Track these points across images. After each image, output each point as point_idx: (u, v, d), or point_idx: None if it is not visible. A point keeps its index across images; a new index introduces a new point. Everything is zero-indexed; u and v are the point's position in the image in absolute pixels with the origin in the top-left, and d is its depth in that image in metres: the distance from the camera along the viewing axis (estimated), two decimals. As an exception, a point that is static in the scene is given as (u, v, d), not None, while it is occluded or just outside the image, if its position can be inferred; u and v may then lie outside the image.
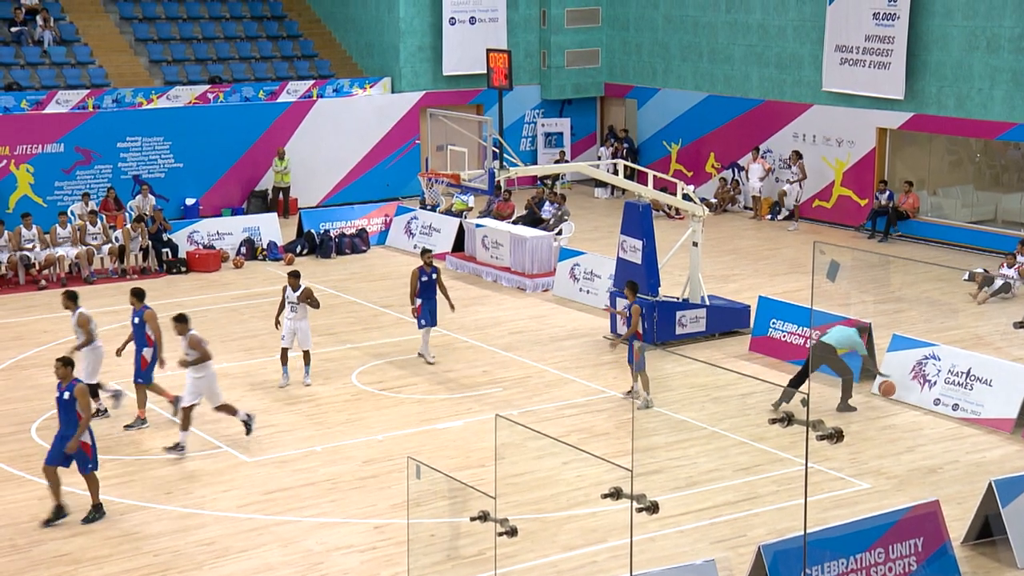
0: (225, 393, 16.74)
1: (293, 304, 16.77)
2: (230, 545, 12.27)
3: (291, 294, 16.77)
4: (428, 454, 14.22)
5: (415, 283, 17.71)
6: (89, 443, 12.67)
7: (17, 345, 18.85)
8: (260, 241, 25.17)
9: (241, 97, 28.86)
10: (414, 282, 17.73)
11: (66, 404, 12.57)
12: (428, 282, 17.79)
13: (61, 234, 23.19)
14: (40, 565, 11.77)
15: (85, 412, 12.58)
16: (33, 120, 26.18)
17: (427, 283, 17.78)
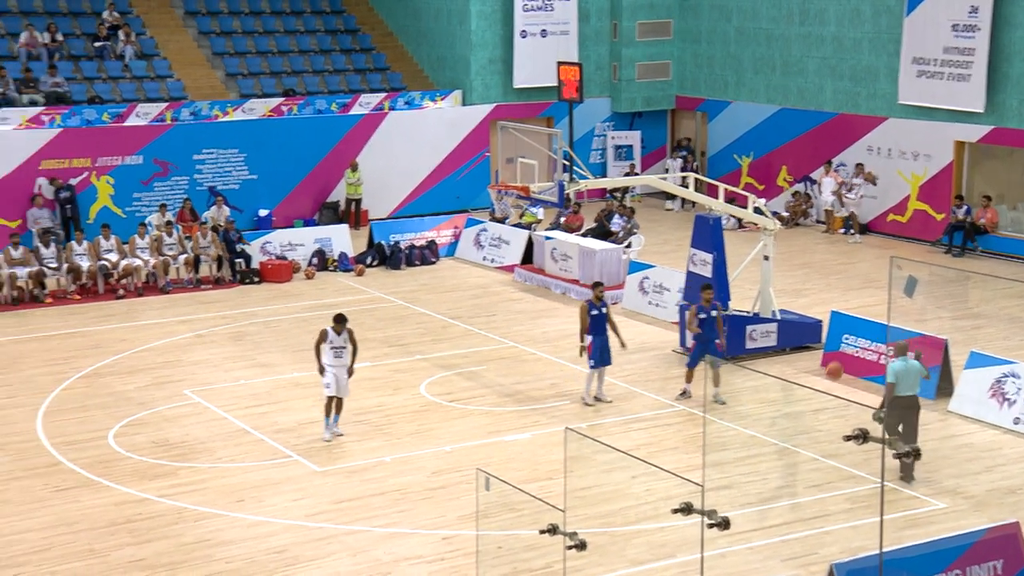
0: (295, 403, 16.98)
1: (339, 349, 15.33)
2: (300, 553, 12.38)
3: (336, 338, 15.34)
4: (496, 466, 14.23)
5: (585, 318, 16.41)
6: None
7: (96, 353, 19.23)
8: (331, 252, 25.42)
9: (314, 110, 29.21)
10: (584, 317, 16.41)
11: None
12: (599, 316, 16.45)
13: (139, 244, 23.64)
14: (116, 570, 11.98)
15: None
16: (114, 132, 26.76)
17: (597, 317, 16.44)
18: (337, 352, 15.30)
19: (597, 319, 16.53)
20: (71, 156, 26.16)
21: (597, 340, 16.50)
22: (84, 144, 26.30)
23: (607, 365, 16.77)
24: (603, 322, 16.58)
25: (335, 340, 15.31)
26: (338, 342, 15.31)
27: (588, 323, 16.52)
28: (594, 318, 16.50)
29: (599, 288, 16.86)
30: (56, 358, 18.93)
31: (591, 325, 16.50)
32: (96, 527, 12.92)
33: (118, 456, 14.90)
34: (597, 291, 16.77)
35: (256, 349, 19.48)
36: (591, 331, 16.48)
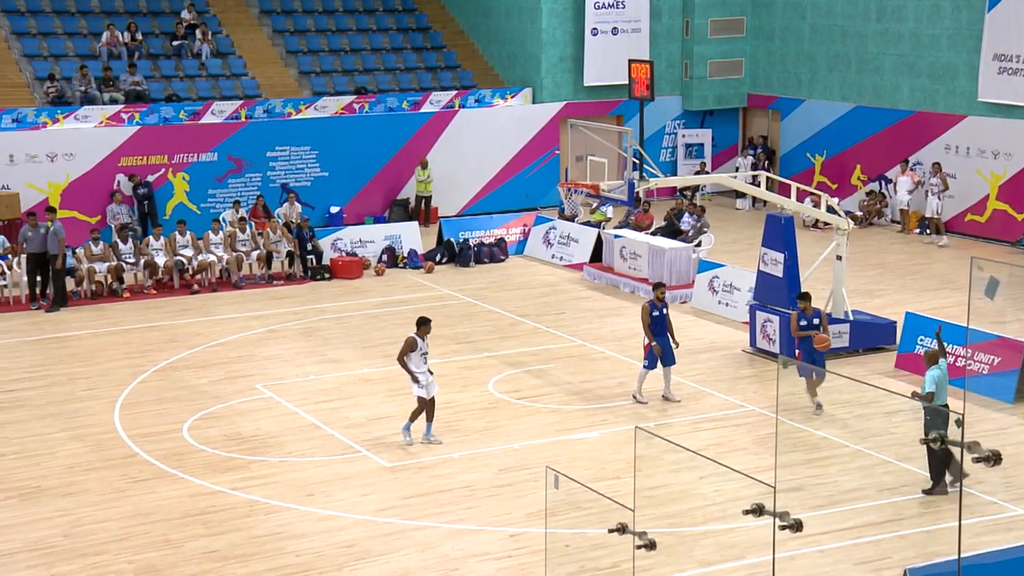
0: (365, 399, 17.12)
1: (426, 355, 15.23)
2: (369, 548, 12.48)
3: (423, 343, 15.16)
4: (563, 464, 14.21)
5: (647, 319, 16.43)
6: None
7: (171, 347, 19.56)
8: (401, 249, 25.58)
9: (385, 107, 29.42)
10: (646, 318, 16.44)
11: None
12: (660, 317, 16.47)
13: (213, 240, 24.01)
14: (191, 560, 12.18)
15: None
16: (190, 130, 27.20)
17: (659, 318, 16.47)
18: (425, 358, 15.22)
19: (658, 320, 16.49)
20: (149, 153, 26.65)
21: (659, 341, 16.44)
22: (161, 141, 26.77)
23: (671, 365, 16.68)
24: (664, 323, 16.52)
25: (423, 346, 15.18)
26: (425, 347, 15.20)
27: (649, 323, 16.45)
28: (655, 319, 16.47)
29: (660, 289, 16.80)
30: (133, 352, 19.29)
31: (652, 326, 16.45)
32: (171, 518, 13.14)
33: (192, 449, 15.15)
34: (658, 292, 16.75)
35: (326, 345, 19.67)
36: (653, 332, 16.44)
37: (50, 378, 17.95)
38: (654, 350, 16.45)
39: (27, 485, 14.01)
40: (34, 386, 17.55)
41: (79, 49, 28.59)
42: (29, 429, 15.81)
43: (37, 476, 14.27)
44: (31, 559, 12.16)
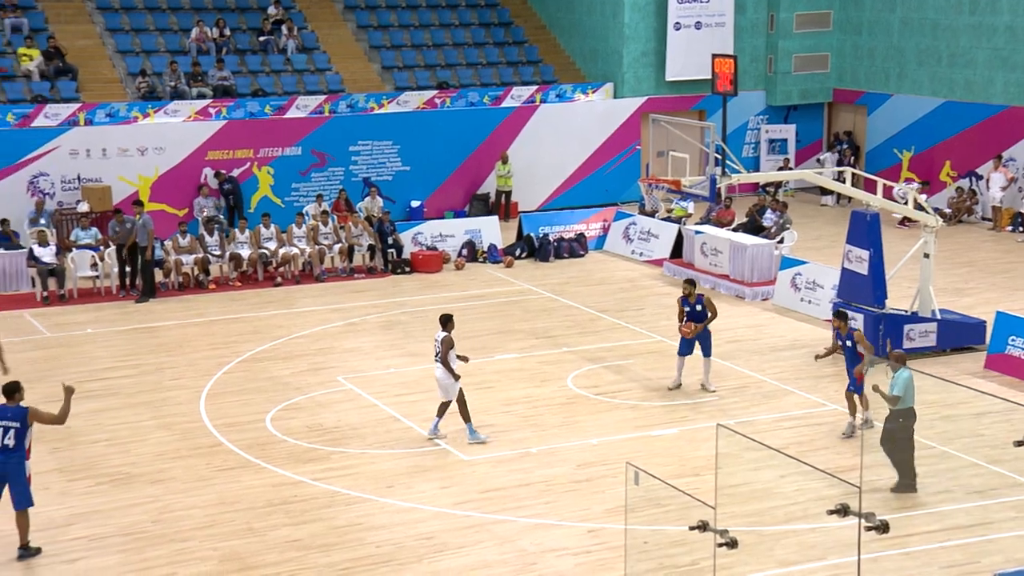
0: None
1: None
2: (448, 541, 12.56)
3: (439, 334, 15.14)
4: (642, 461, 14.14)
5: (681, 311, 16.86)
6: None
7: (255, 338, 19.87)
8: (481, 244, 25.67)
9: (467, 102, 29.54)
10: (681, 310, 16.88)
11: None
12: (691, 312, 16.79)
13: (296, 233, 24.34)
14: (273, 549, 12.37)
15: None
16: (275, 124, 27.60)
17: (690, 313, 16.79)
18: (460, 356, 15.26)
19: (690, 315, 16.75)
20: (234, 147, 27.10)
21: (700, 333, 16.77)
22: (247, 136, 27.20)
23: (708, 356, 16.90)
24: (697, 317, 16.71)
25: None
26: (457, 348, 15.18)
27: (683, 314, 16.82)
28: (688, 313, 16.76)
29: (688, 286, 16.93)
30: (218, 342, 19.64)
31: (690, 317, 16.79)
32: (255, 507, 13.36)
33: (275, 439, 15.38)
34: (686, 288, 16.91)
35: (406, 338, 19.83)
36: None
37: (140, 367, 18.36)
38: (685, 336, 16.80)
39: (119, 471, 14.35)
40: (125, 375, 17.96)
41: (169, 45, 29.16)
42: (120, 417, 16.18)
43: (128, 463, 14.62)
44: (122, 543, 12.46)
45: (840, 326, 15.41)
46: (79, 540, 12.47)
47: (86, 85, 27.39)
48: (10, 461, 12.03)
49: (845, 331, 15.33)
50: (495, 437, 15.43)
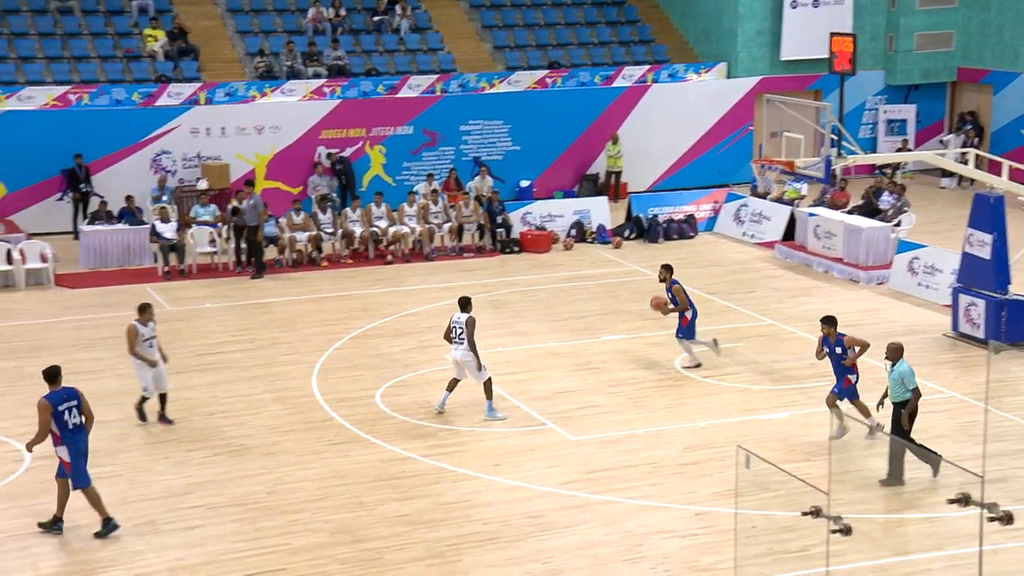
0: (551, 372, 17.24)
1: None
2: (554, 520, 12.61)
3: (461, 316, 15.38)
4: (751, 445, 13.96)
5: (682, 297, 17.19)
6: (67, 459, 12.16)
7: (365, 316, 20.17)
8: (590, 224, 25.61)
9: (578, 82, 29.43)
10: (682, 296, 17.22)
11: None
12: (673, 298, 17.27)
13: (407, 212, 24.59)
14: (382, 523, 12.57)
15: (41, 427, 12.08)
16: (387, 104, 27.89)
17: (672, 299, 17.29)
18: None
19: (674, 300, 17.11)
20: (348, 126, 27.47)
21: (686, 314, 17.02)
22: (360, 115, 27.55)
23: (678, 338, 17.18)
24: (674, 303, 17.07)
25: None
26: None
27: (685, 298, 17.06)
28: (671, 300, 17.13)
29: (663, 271, 17.33)
30: (330, 319, 19.98)
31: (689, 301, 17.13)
32: (364, 481, 13.58)
33: (384, 415, 15.61)
34: (662, 273, 17.34)
35: (515, 317, 19.91)
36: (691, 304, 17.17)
37: (255, 342, 18.78)
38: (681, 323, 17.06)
39: (234, 443, 14.73)
40: (240, 349, 18.39)
41: (287, 25, 29.66)
42: (235, 390, 16.60)
43: (242, 435, 14.99)
44: (237, 513, 12.79)
45: (828, 332, 14.39)
46: (196, 508, 12.84)
47: (207, 65, 28.04)
48: (84, 437, 12.25)
49: (834, 337, 14.32)
50: (602, 418, 15.41)
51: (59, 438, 12.08)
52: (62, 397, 12.17)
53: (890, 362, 13.22)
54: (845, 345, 14.20)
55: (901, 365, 13.15)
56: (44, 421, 11.98)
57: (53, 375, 12.31)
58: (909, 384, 13.05)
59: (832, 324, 14.44)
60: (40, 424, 11.99)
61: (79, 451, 12.17)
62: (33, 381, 16.63)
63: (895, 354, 13.21)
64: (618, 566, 11.65)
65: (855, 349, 14.17)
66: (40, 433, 12.04)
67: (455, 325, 15.30)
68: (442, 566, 11.66)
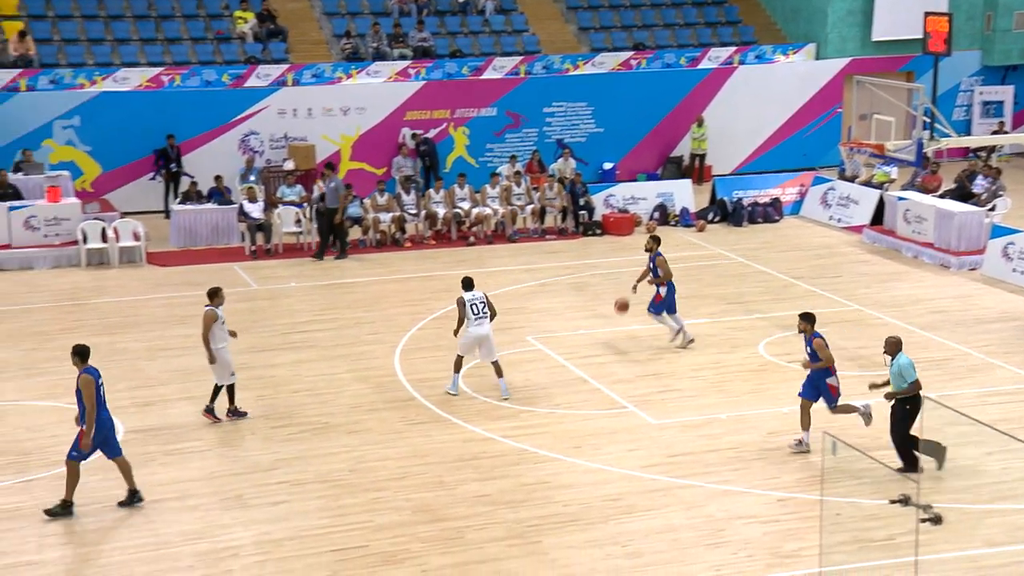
0: (632, 355, 17.15)
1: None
2: (635, 503, 12.56)
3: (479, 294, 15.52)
4: (836, 431, 13.72)
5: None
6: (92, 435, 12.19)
7: (448, 296, 20.18)
8: (673, 207, 25.41)
9: (663, 64, 29.17)
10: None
11: (77, 394, 12.22)
12: (653, 268, 17.29)
13: (490, 194, 24.64)
14: (463, 503, 12.64)
15: (88, 403, 12.10)
16: (471, 85, 27.95)
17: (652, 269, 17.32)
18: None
19: (654, 272, 17.23)
20: (432, 108, 27.59)
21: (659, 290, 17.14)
22: (444, 96, 27.64)
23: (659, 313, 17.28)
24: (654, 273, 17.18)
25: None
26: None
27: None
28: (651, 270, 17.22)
29: (650, 241, 17.49)
30: (413, 299, 20.13)
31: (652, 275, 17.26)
32: (445, 461, 13.67)
33: (465, 396, 15.68)
34: (649, 243, 17.52)
35: (596, 300, 19.85)
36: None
37: (338, 321, 18.99)
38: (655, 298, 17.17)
39: (317, 421, 14.92)
40: (324, 328, 18.62)
41: (373, 6, 29.84)
42: (319, 369, 16.80)
43: (326, 413, 15.18)
44: (320, 490, 12.97)
45: (805, 329, 13.57)
46: (282, 484, 13.04)
47: (295, 47, 28.36)
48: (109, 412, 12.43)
49: (810, 334, 13.54)
50: (684, 402, 15.30)
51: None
52: (97, 373, 12.32)
53: (889, 356, 12.92)
54: (814, 347, 13.38)
55: (900, 359, 12.79)
56: (91, 395, 12.08)
57: (87, 352, 12.36)
58: (908, 377, 12.70)
59: (809, 321, 13.56)
60: (88, 399, 12.06)
61: (112, 425, 12.46)
62: (126, 356, 17.07)
63: (893, 348, 12.91)
64: (699, 550, 11.58)
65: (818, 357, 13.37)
66: (91, 408, 12.08)
67: (475, 302, 15.34)
68: (522, 546, 11.69)
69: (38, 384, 15.94)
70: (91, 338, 17.63)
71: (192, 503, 12.56)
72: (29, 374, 16.29)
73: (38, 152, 24.76)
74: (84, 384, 12.08)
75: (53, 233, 22.33)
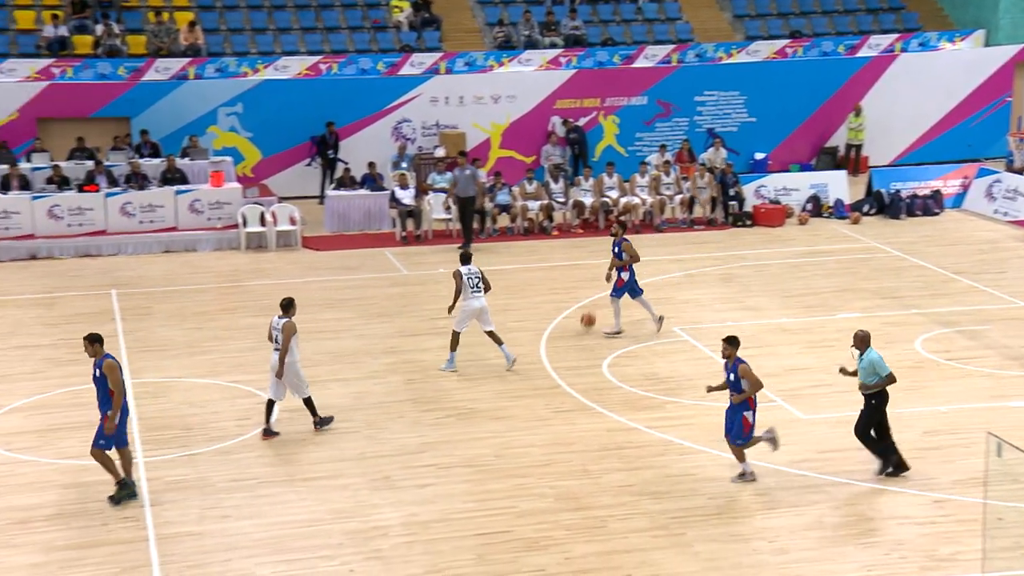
0: (782, 349, 16.82)
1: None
2: (782, 498, 12.34)
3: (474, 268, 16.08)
4: (999, 433, 13.23)
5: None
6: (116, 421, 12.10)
7: (594, 286, 20.18)
8: (827, 198, 24.83)
9: (820, 52, 28.46)
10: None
11: (98, 381, 12.11)
12: (618, 253, 17.40)
13: (638, 183, 24.48)
14: (607, 492, 12.61)
15: (116, 388, 12.02)
16: (622, 74, 27.80)
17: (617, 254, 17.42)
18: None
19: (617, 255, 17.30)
20: (582, 96, 27.55)
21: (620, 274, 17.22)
22: (594, 85, 27.57)
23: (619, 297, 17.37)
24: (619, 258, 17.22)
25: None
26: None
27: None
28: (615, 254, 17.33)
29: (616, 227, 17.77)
30: (559, 287, 20.16)
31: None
32: (589, 450, 13.66)
33: (611, 385, 15.64)
34: (614, 229, 17.76)
35: (744, 292, 19.54)
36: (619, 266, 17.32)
37: (485, 307, 19.16)
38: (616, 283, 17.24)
39: (463, 406, 15.10)
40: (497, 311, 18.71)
41: (526, -5, 29.98)
42: (465, 354, 16.94)
43: (472, 399, 15.35)
44: (466, 474, 13.12)
45: (728, 354, 12.49)
46: (429, 467, 13.25)
47: (448, 35, 28.70)
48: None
49: (733, 360, 12.46)
50: (836, 397, 14.93)
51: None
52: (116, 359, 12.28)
53: (858, 351, 12.55)
54: (739, 375, 12.37)
55: (870, 353, 12.52)
56: (118, 380, 12.04)
57: (102, 338, 12.28)
58: (882, 371, 12.45)
59: (732, 344, 12.50)
60: (115, 384, 12.01)
61: (128, 411, 12.44)
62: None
63: (862, 343, 12.54)
64: (849, 549, 11.30)
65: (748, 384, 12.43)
66: (118, 394, 12.01)
67: (471, 276, 15.90)
68: (666, 538, 11.61)
69: (201, 362, 16.56)
70: (249, 319, 18.30)
71: (343, 482, 12.86)
72: (192, 352, 16.93)
73: (203, 138, 25.69)
74: (110, 369, 12.00)
75: (216, 216, 23.15)
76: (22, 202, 22.29)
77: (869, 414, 12.65)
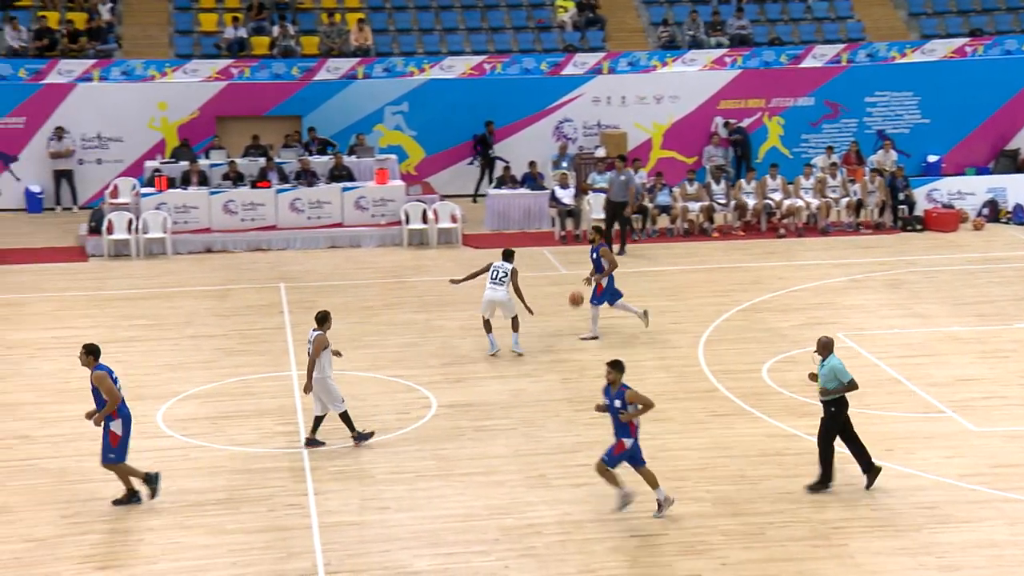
0: (953, 358, 16.18)
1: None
2: (951, 513, 11.87)
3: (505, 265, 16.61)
4: None
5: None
6: (118, 433, 11.94)
7: (755, 288, 19.88)
8: (1005, 203, 23.87)
9: (1002, 50, 27.29)
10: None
11: (93, 392, 11.95)
12: (596, 260, 17.32)
13: (804, 185, 23.93)
14: (765, 498, 12.34)
15: (110, 396, 11.82)
16: (789, 74, 27.22)
17: (595, 260, 17.33)
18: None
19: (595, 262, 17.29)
20: (747, 96, 27.10)
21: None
22: (759, 85, 27.09)
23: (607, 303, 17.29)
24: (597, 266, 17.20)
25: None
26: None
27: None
28: (594, 260, 17.30)
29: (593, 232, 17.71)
30: (718, 290, 19.88)
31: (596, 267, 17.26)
32: (748, 455, 13.42)
33: (770, 390, 15.33)
34: (591, 234, 17.70)
35: (913, 298, 18.91)
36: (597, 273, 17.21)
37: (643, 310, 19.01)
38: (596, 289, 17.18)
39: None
40: (627, 316, 18.65)
41: (694, -6, 29.66)
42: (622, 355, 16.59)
43: (628, 398, 15.24)
44: (621, 476, 13.02)
45: (612, 380, 11.76)
46: (584, 467, 13.18)
47: (612, 35, 28.63)
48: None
49: (616, 387, 11.75)
50: (1009, 410, 14.29)
51: (115, 412, 11.97)
52: (111, 369, 12.10)
53: (820, 357, 12.32)
54: (626, 400, 11.71)
55: (831, 360, 12.28)
56: (110, 388, 11.83)
57: (99, 351, 12.10)
58: (843, 378, 12.24)
59: (618, 369, 11.81)
60: (108, 392, 11.83)
61: (130, 423, 12.12)
62: (441, 333, 17.85)
63: (824, 350, 12.33)
64: None
65: (637, 407, 11.73)
66: (112, 400, 11.85)
67: (498, 270, 16.54)
68: (827, 548, 11.31)
69: (363, 356, 16.92)
70: (409, 315, 18.64)
71: (498, 479, 12.96)
72: (355, 346, 17.31)
73: (370, 136, 26.30)
74: (99, 380, 11.89)
75: (379, 213, 23.67)
76: (200, 197, 23.24)
77: (830, 421, 12.37)
